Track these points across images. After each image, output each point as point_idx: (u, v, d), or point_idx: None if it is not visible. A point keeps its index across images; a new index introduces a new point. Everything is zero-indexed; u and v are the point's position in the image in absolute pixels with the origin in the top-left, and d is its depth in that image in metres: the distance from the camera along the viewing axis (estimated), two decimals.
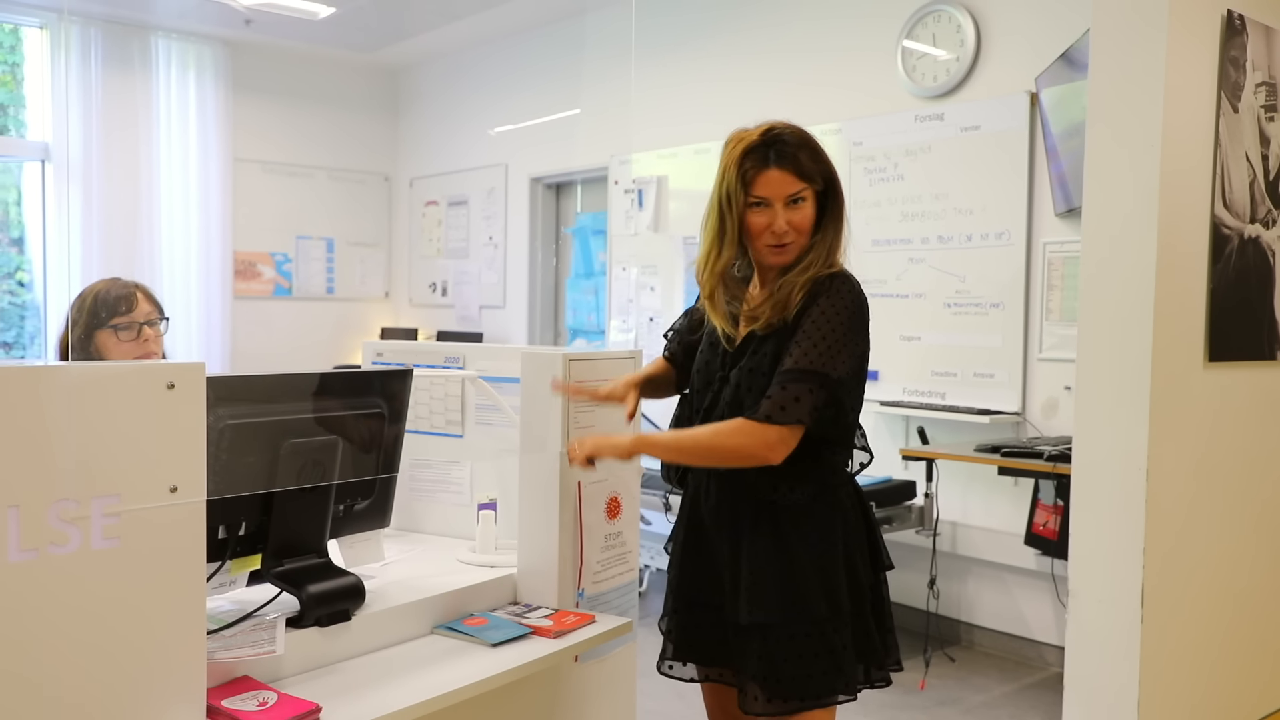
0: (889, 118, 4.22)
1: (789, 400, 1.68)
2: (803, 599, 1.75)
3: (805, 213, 1.78)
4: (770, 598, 1.76)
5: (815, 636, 1.74)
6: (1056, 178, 3.71)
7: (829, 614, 1.75)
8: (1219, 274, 2.41)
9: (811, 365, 1.70)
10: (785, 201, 1.76)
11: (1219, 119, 2.37)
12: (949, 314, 4.06)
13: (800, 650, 1.74)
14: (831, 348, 1.72)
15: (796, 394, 1.68)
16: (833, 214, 1.82)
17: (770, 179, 1.75)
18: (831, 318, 1.74)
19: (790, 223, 1.77)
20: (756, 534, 1.79)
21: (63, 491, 1.14)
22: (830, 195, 1.81)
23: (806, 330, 1.73)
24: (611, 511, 2.00)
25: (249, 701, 1.32)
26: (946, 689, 3.61)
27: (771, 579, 1.76)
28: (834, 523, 1.80)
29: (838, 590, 1.77)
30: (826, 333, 1.72)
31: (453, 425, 2.18)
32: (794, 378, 1.69)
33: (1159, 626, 2.27)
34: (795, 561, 1.76)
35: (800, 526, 1.78)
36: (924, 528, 3.91)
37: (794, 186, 1.76)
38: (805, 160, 1.77)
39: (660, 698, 3.15)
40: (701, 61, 5.02)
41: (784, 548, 1.77)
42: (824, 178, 1.80)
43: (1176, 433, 2.30)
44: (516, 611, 1.81)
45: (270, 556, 1.55)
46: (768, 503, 1.78)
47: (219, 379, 1.41)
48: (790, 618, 1.74)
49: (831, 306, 1.75)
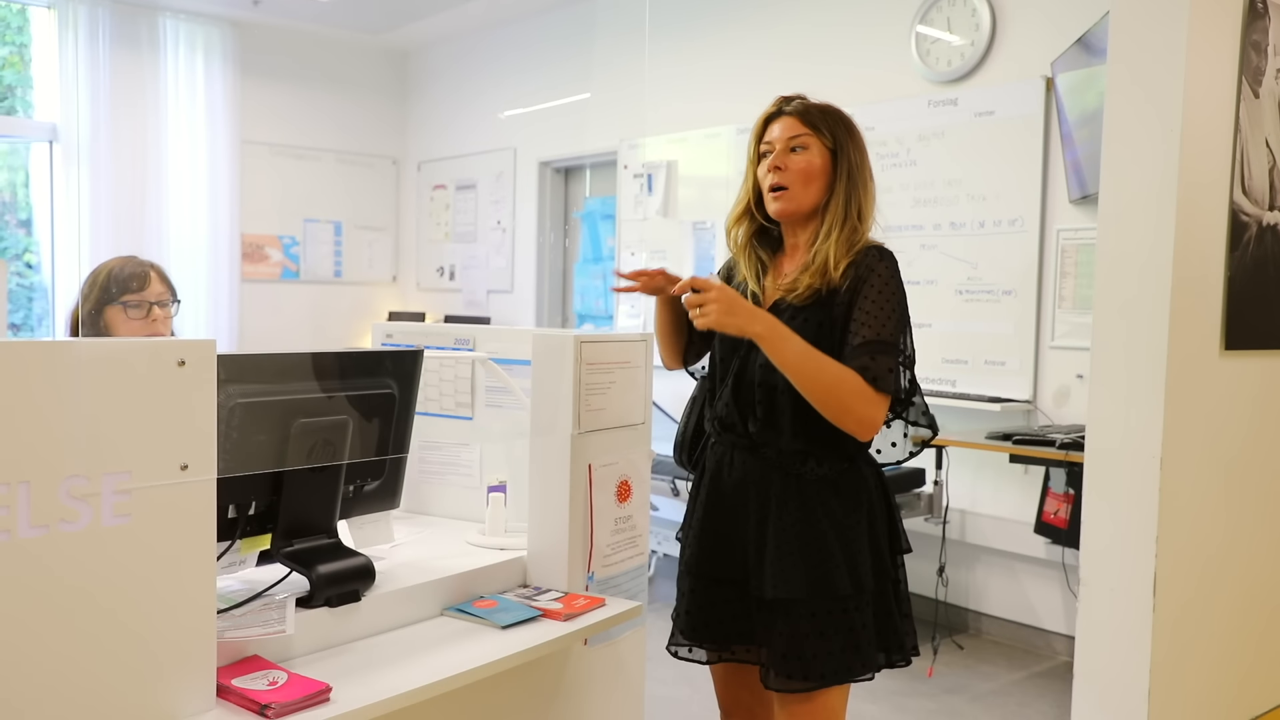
0: (902, 103, 4.19)
1: (881, 370, 1.69)
2: (828, 576, 1.74)
3: (804, 160, 1.81)
4: (796, 573, 1.75)
5: (838, 614, 1.73)
6: (1071, 164, 3.68)
7: (853, 592, 1.74)
8: (1237, 261, 2.38)
9: (889, 337, 1.72)
10: (785, 146, 1.81)
11: (1239, 104, 2.34)
12: (961, 301, 4.03)
13: (823, 628, 1.73)
14: (898, 324, 1.74)
15: (889, 365, 1.70)
16: (844, 174, 1.82)
17: (777, 125, 1.84)
18: (891, 295, 1.75)
19: (786, 164, 1.80)
20: (784, 508, 1.78)
21: (73, 468, 1.13)
22: (840, 157, 1.83)
23: (875, 304, 1.73)
24: (622, 495, 1.99)
25: (259, 681, 1.31)
26: (954, 677, 3.60)
27: (798, 554, 1.75)
28: (860, 500, 1.80)
29: (861, 568, 1.76)
30: (891, 310, 1.74)
31: (462, 407, 2.17)
32: (880, 349, 1.70)
33: (1171, 617, 2.25)
34: (822, 538, 1.75)
35: (827, 502, 1.77)
36: (933, 515, 3.90)
37: (796, 130, 1.81)
38: (815, 112, 1.83)
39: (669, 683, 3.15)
40: (712, 46, 4.99)
41: (811, 523, 1.76)
42: (833, 135, 1.82)
43: (1191, 421, 2.28)
44: (526, 594, 1.80)
45: (280, 536, 1.54)
46: (795, 476, 1.77)
47: (230, 357, 1.40)
48: (815, 594, 1.74)
49: (891, 279, 1.77)
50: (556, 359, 1.85)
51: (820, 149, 1.81)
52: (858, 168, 1.83)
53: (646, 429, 2.05)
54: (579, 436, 1.86)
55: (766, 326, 1.70)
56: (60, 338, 2.69)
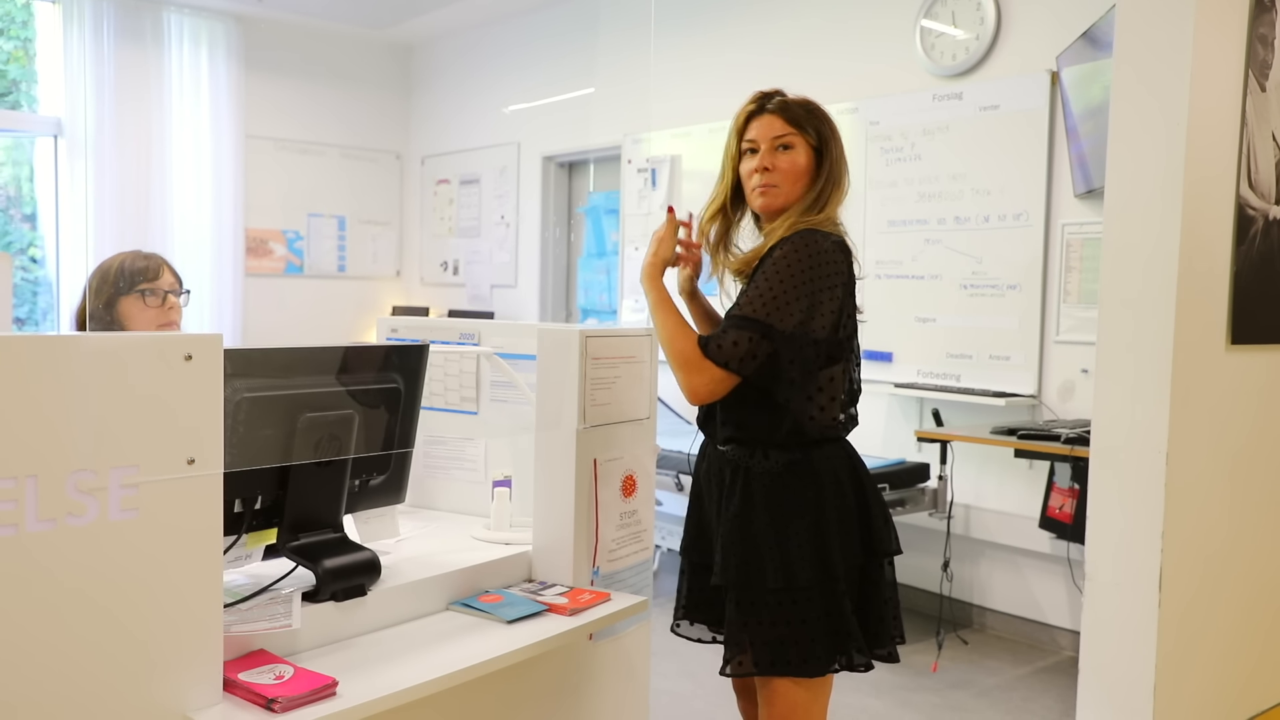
0: (906, 97, 4.18)
1: (726, 342, 1.73)
2: (759, 568, 1.77)
3: (792, 159, 1.83)
4: (732, 562, 1.80)
5: (772, 606, 1.76)
6: (1076, 158, 3.67)
7: (783, 586, 1.75)
8: (1243, 256, 2.38)
9: (754, 314, 1.72)
10: (771, 144, 1.83)
11: (1245, 98, 2.34)
12: (965, 295, 4.03)
13: (759, 618, 1.77)
14: (778, 299, 1.72)
15: (735, 339, 1.73)
16: (825, 173, 1.84)
17: (760, 123, 1.86)
18: (783, 269, 1.74)
19: (775, 165, 1.82)
20: (730, 499, 1.83)
21: (81, 462, 1.13)
22: (824, 155, 1.85)
23: (757, 279, 1.76)
24: (627, 490, 1.99)
25: (266, 675, 1.31)
26: (959, 672, 3.60)
27: (736, 545, 1.80)
28: (805, 495, 1.79)
29: (797, 564, 1.76)
30: (775, 284, 1.73)
31: (467, 402, 2.17)
32: (735, 324, 1.74)
33: (1177, 611, 2.25)
34: (754, 529, 1.79)
35: (769, 496, 1.80)
36: (938, 510, 3.90)
37: (781, 129, 1.83)
38: (797, 110, 1.85)
39: (673, 677, 3.16)
40: (716, 40, 4.98)
41: (750, 515, 1.80)
42: (818, 134, 1.84)
43: (1197, 416, 2.28)
44: (531, 589, 1.80)
45: (286, 530, 1.54)
46: (744, 469, 1.82)
47: (236, 351, 1.40)
48: (744, 584, 1.78)
49: (784, 259, 1.75)
50: (562, 353, 1.85)
51: (805, 147, 1.84)
52: (837, 165, 1.86)
53: (651, 424, 2.05)
54: (584, 431, 1.86)
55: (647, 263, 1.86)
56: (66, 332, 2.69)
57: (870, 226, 4.23)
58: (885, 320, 4.17)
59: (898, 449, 4.18)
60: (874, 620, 1.84)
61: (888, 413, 4.28)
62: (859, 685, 3.33)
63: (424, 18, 6.21)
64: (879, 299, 4.16)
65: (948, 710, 3.28)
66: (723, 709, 2.08)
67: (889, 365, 4.22)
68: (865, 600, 1.85)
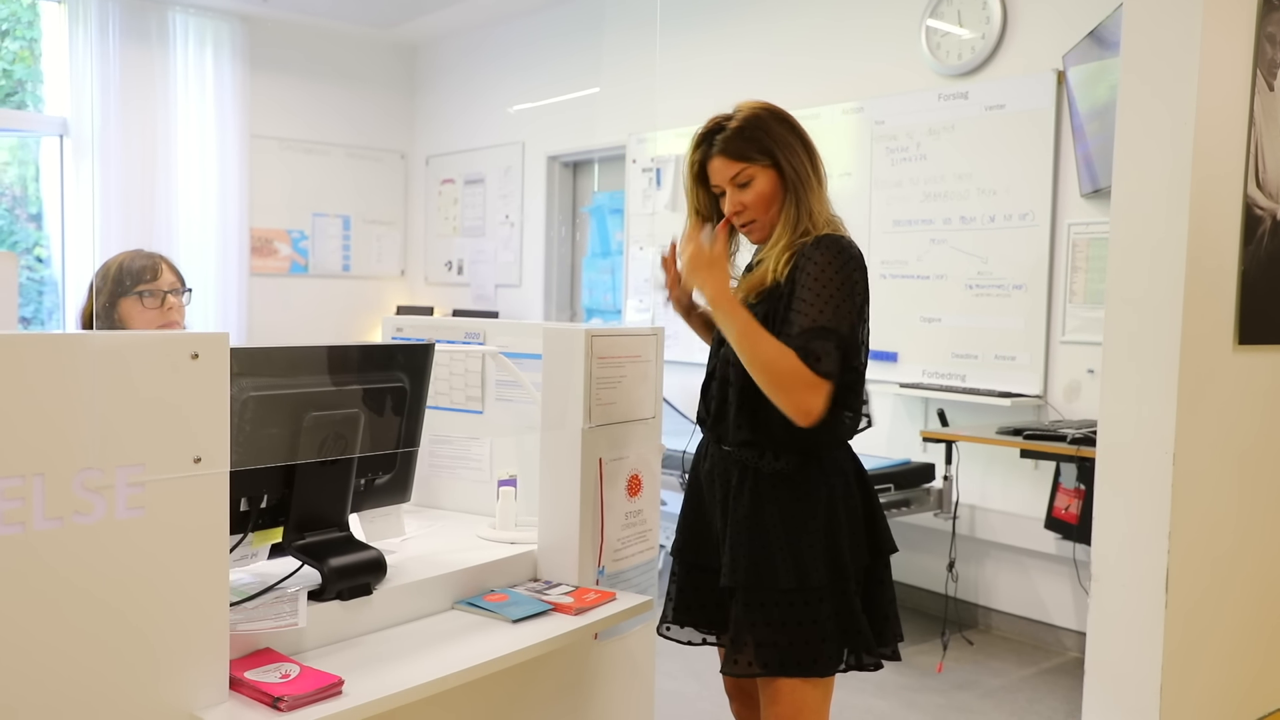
0: (912, 96, 4.18)
1: (822, 355, 1.70)
2: (770, 569, 1.76)
3: (756, 190, 1.83)
4: (741, 563, 1.78)
5: (784, 606, 1.75)
6: (1083, 158, 3.66)
7: (795, 586, 1.74)
8: (1250, 255, 2.37)
9: (826, 323, 1.71)
10: (732, 185, 1.84)
11: (1254, 97, 2.33)
12: (970, 295, 4.02)
13: (768, 619, 1.75)
14: (839, 307, 1.73)
15: (822, 350, 1.70)
16: (790, 186, 1.83)
17: (714, 168, 1.86)
18: (829, 275, 1.74)
19: (741, 202, 1.84)
20: (738, 500, 1.81)
21: (87, 460, 1.13)
22: (782, 169, 1.83)
23: (810, 289, 1.74)
24: (632, 489, 1.99)
25: (272, 673, 1.31)
26: (964, 672, 3.60)
27: (745, 545, 1.78)
28: (816, 496, 1.79)
29: (808, 564, 1.76)
30: (831, 292, 1.73)
31: (473, 401, 2.17)
32: (811, 335, 1.71)
33: (1183, 612, 2.24)
34: (768, 530, 1.78)
35: (780, 496, 1.79)
36: (943, 511, 3.89)
37: (732, 170, 1.83)
38: (738, 143, 1.82)
39: (677, 677, 3.16)
40: (720, 39, 4.97)
41: (760, 515, 1.79)
42: (766, 154, 1.82)
43: (1205, 416, 2.27)
44: (537, 588, 1.80)
45: (292, 529, 1.54)
46: (752, 470, 1.80)
47: (242, 350, 1.40)
48: (756, 585, 1.76)
49: (825, 265, 1.75)
50: (567, 353, 1.85)
51: (763, 172, 1.83)
52: (801, 174, 1.83)
53: (657, 423, 2.04)
54: (589, 431, 1.85)
55: (718, 291, 1.75)
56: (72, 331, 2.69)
57: (875, 226, 4.22)
58: (890, 320, 4.16)
59: (903, 449, 4.17)
60: (879, 619, 1.84)
61: (893, 413, 4.28)
62: (864, 686, 3.33)
63: (429, 17, 6.21)
64: (884, 299, 4.15)
65: (952, 711, 3.27)
66: (728, 709, 2.08)
67: (894, 365, 4.22)
68: (871, 600, 1.85)
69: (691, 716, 3.07)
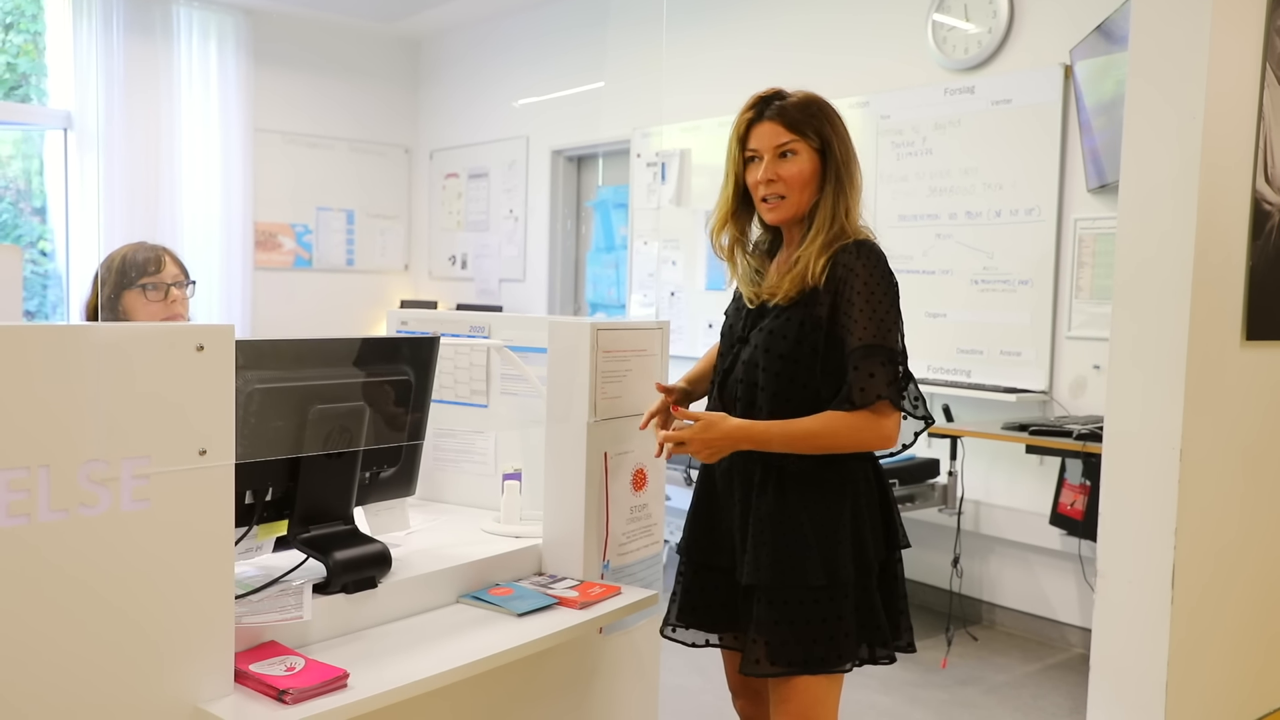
0: (918, 91, 4.16)
1: (866, 380, 1.69)
2: (799, 565, 1.74)
3: (797, 166, 1.78)
4: (767, 561, 1.75)
5: (809, 604, 1.73)
6: (1089, 153, 3.64)
7: (825, 583, 1.73)
8: (1259, 251, 2.36)
9: (882, 340, 1.71)
10: (774, 153, 1.78)
11: (1263, 91, 2.32)
12: (976, 291, 4.01)
13: (793, 616, 1.73)
14: (884, 321, 1.73)
15: (870, 370, 1.70)
16: (833, 175, 1.80)
17: (760, 131, 1.80)
18: (875, 290, 1.74)
19: (778, 174, 1.78)
20: (763, 497, 1.78)
21: (93, 452, 1.13)
22: (829, 156, 1.80)
23: (857, 305, 1.73)
24: (637, 483, 1.99)
25: (277, 666, 1.31)
26: (968, 668, 3.59)
27: (771, 543, 1.76)
28: (843, 492, 1.79)
29: (838, 561, 1.75)
30: (875, 306, 1.73)
31: (477, 395, 2.17)
32: (869, 354, 1.70)
33: (1189, 608, 2.24)
34: (797, 527, 1.75)
35: (806, 493, 1.77)
36: (947, 506, 3.88)
37: (782, 137, 1.78)
38: (797, 114, 1.79)
39: (680, 672, 3.15)
40: (726, 34, 4.96)
41: (788, 512, 1.76)
42: (819, 135, 1.79)
43: (1212, 412, 2.26)
44: (541, 582, 1.80)
45: (297, 522, 1.54)
46: (776, 467, 1.77)
47: (248, 343, 1.39)
48: (784, 583, 1.74)
49: (872, 278, 1.75)
50: (573, 346, 1.84)
51: (809, 152, 1.78)
52: (845, 165, 1.81)
53: None
54: (595, 424, 1.85)
55: (750, 441, 1.73)
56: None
57: (881, 221, 4.21)
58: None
59: None
60: (894, 614, 1.84)
61: None
62: (867, 681, 3.33)
63: (433, 11, 6.20)
64: None
65: (957, 707, 3.27)
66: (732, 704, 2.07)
67: None
68: (887, 594, 1.85)
69: (695, 711, 3.07)
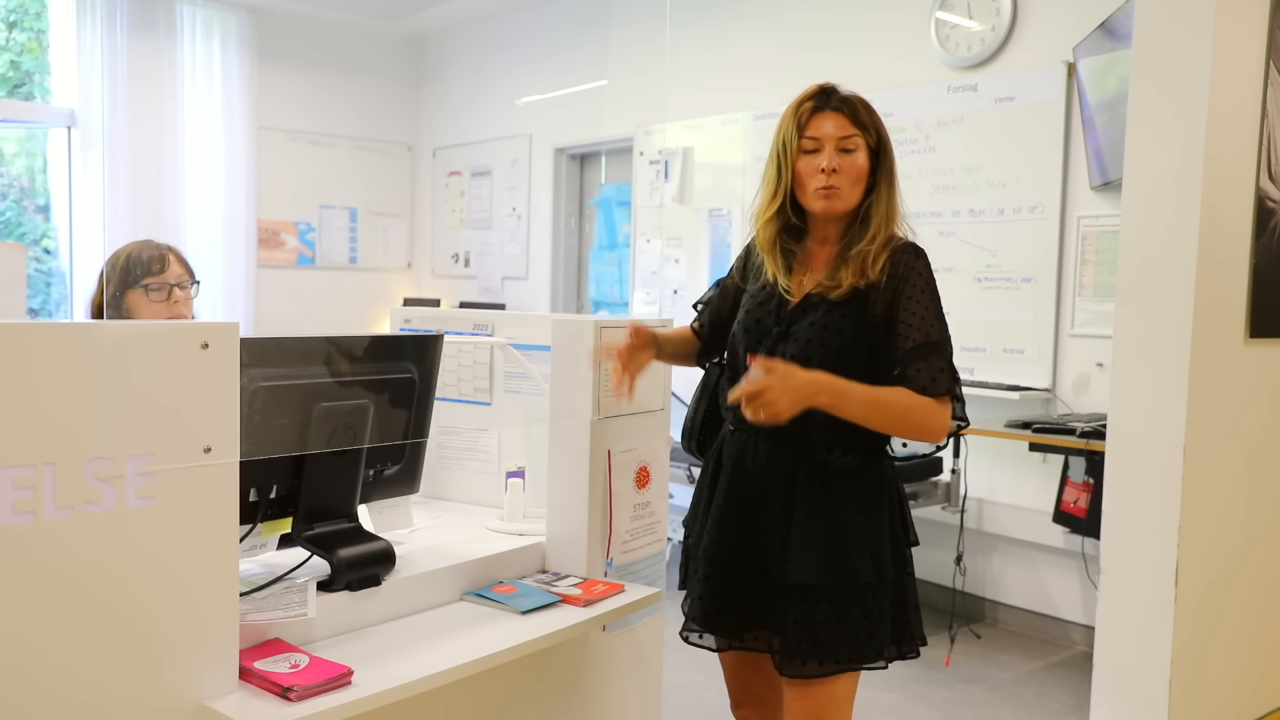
0: (921, 88, 4.16)
1: (936, 373, 1.73)
2: (850, 563, 1.74)
3: (856, 161, 1.79)
4: (817, 559, 1.74)
5: (856, 601, 1.74)
6: (1093, 150, 3.64)
7: (875, 580, 1.75)
8: (1262, 248, 2.36)
9: (939, 337, 1.75)
10: (837, 146, 1.79)
11: (1266, 89, 2.31)
12: (979, 288, 4.01)
13: (840, 614, 1.73)
14: (942, 322, 1.78)
15: (941, 366, 1.73)
16: (885, 173, 1.82)
17: (824, 120, 1.80)
18: (933, 295, 1.78)
19: (841, 166, 1.78)
20: (809, 495, 1.77)
21: (98, 450, 1.13)
22: (882, 155, 1.83)
23: (922, 304, 1.76)
24: (641, 481, 1.99)
25: (281, 663, 1.32)
26: (972, 666, 3.59)
27: (821, 541, 1.75)
28: (882, 490, 1.81)
29: (883, 557, 1.77)
30: (935, 310, 1.77)
31: (481, 393, 2.17)
32: (932, 351, 1.74)
33: (1192, 605, 2.24)
34: (845, 525, 1.76)
35: (850, 491, 1.77)
36: (951, 504, 3.88)
37: (847, 130, 1.79)
38: (859, 110, 1.82)
39: (684, 670, 3.16)
40: (729, 32, 4.96)
41: (834, 511, 1.76)
42: (877, 133, 1.82)
43: (1215, 410, 2.26)
44: (545, 580, 1.80)
45: (301, 520, 1.54)
46: (820, 465, 1.77)
47: (252, 340, 1.40)
48: (835, 581, 1.74)
49: (930, 281, 1.79)
50: (576, 344, 1.84)
51: (865, 149, 1.81)
52: (892, 169, 1.84)
53: (666, 415, 2.04)
54: (598, 422, 1.85)
55: (830, 394, 1.69)
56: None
57: None
58: None
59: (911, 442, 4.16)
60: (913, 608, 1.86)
61: None
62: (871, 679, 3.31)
63: (436, 9, 6.20)
64: None
65: (960, 705, 3.27)
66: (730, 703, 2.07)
67: None
68: (909, 591, 1.87)
69: (698, 708, 3.07)
